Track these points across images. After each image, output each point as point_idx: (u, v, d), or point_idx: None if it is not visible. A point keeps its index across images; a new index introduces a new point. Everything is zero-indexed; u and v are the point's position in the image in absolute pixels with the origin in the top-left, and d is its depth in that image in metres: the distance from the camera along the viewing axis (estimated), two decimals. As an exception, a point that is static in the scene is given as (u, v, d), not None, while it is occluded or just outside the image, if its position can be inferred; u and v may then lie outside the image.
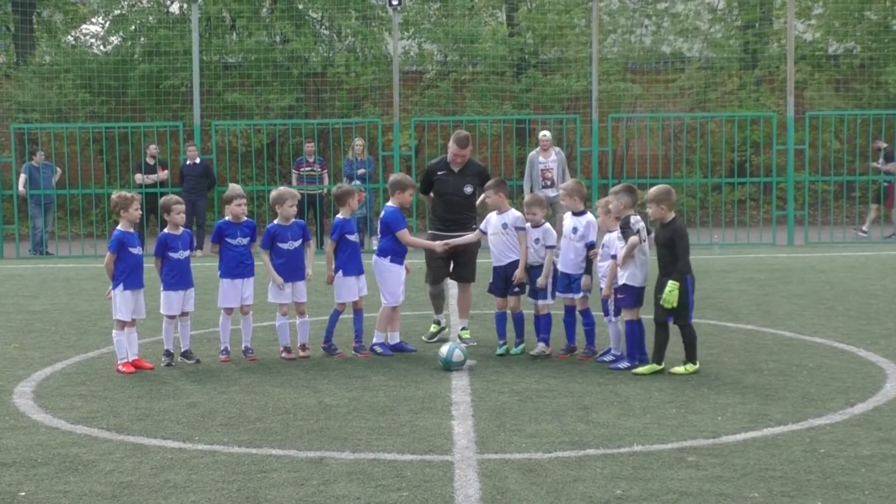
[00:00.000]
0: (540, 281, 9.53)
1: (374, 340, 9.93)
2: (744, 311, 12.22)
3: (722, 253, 19.26)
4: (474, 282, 10.73)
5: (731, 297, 13.37)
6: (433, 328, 10.72)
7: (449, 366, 9.05)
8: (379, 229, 9.99)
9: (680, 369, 8.79)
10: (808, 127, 21.59)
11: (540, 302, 9.51)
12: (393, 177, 10.27)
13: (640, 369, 8.79)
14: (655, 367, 8.78)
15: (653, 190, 8.93)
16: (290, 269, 9.76)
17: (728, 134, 24.37)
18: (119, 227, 9.28)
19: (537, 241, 9.58)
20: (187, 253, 9.43)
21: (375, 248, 10.16)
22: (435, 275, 10.75)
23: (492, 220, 9.93)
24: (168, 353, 9.44)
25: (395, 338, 9.95)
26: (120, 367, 9.10)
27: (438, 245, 10.10)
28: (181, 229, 9.49)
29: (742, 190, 25.54)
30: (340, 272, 9.85)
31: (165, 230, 9.48)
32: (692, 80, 26.27)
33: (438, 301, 10.80)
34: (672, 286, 8.64)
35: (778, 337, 10.56)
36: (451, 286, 11.65)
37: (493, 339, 10.31)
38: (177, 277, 9.38)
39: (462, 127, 22.63)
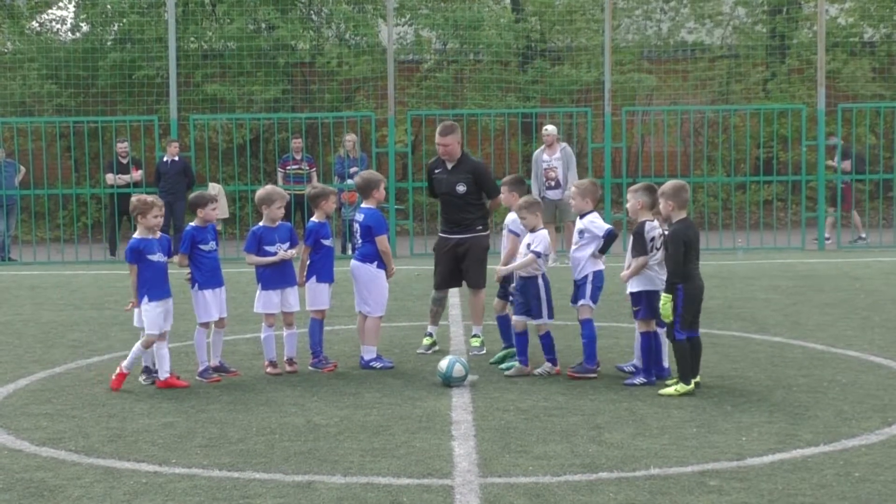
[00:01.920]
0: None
1: (367, 357, 9.94)
2: (770, 322, 12.22)
3: (746, 258, 19.27)
4: (485, 287, 10.75)
5: (756, 307, 13.38)
6: (426, 341, 10.74)
7: (449, 381, 9.06)
8: (359, 233, 10.00)
9: (668, 390, 8.69)
10: (840, 120, 21.60)
11: (536, 321, 9.49)
12: (364, 175, 10.23)
13: (667, 390, 8.72)
14: (685, 387, 8.71)
15: (665, 185, 8.98)
16: (279, 274, 9.79)
17: (753, 128, 24.40)
18: (136, 235, 9.36)
19: (529, 246, 9.56)
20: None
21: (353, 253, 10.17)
22: (439, 279, 10.78)
23: (507, 221, 10.09)
24: (147, 370, 9.42)
25: (371, 352, 9.96)
26: (166, 380, 9.22)
27: (391, 271, 10.07)
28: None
29: (768, 189, 25.55)
30: (314, 278, 9.92)
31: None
32: (714, 69, 26.31)
33: (436, 309, 10.82)
34: (664, 298, 8.63)
35: (808, 350, 10.57)
36: (453, 295, 11.69)
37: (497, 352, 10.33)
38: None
39: (463, 122, 22.68)
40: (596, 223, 9.40)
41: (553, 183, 18.62)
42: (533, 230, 9.54)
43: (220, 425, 7.87)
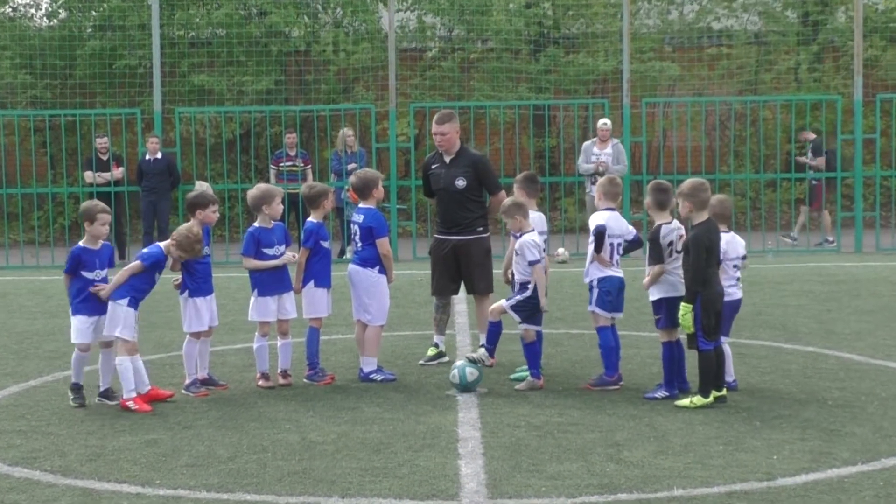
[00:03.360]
0: (543, 303, 9.50)
1: (366, 369, 9.94)
2: (803, 330, 12.21)
3: (777, 261, 19.25)
4: (492, 292, 10.74)
5: (787, 314, 13.36)
6: (431, 351, 10.74)
7: (468, 387, 9.22)
8: (359, 235, 10.00)
9: (684, 402, 8.73)
10: (879, 112, 21.57)
11: (522, 326, 9.52)
12: (361, 174, 10.23)
13: (682, 402, 8.76)
14: (702, 399, 8.73)
15: (683, 183, 9.02)
16: (276, 279, 9.81)
17: (784, 121, 24.37)
18: (81, 243, 9.28)
19: (516, 254, 9.57)
20: (104, 273, 9.24)
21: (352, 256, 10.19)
22: (437, 285, 10.77)
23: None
24: (76, 388, 9.20)
25: (372, 363, 9.96)
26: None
27: (392, 277, 10.09)
28: (100, 243, 9.31)
29: (801, 187, 25.52)
30: (312, 283, 9.93)
31: (81, 243, 9.28)
32: (742, 57, 26.29)
33: (440, 317, 10.81)
34: (684, 308, 8.65)
35: (844, 361, 10.55)
36: (460, 302, 11.69)
37: (511, 363, 10.35)
38: (88, 300, 9.14)
39: (470, 114, 22.67)
40: (593, 219, 9.48)
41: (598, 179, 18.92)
42: (520, 231, 9.54)
43: (207, 443, 7.87)
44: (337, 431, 8.13)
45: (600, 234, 9.35)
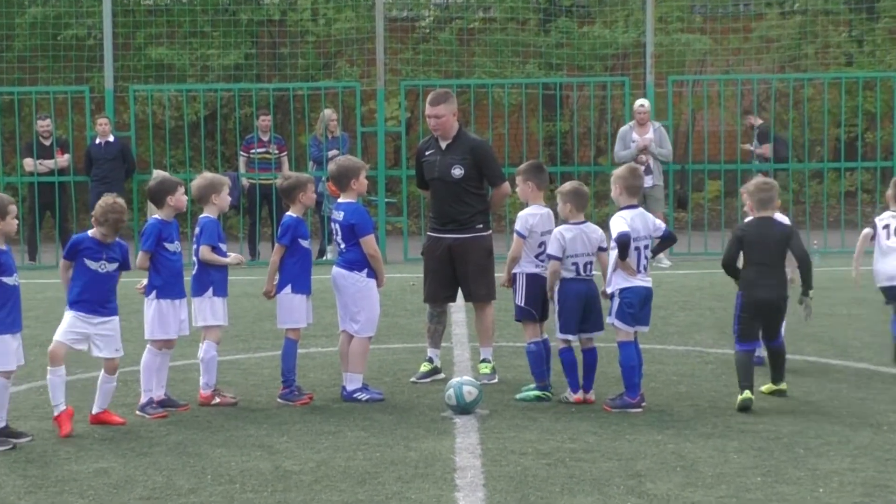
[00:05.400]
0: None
1: (350, 387, 9.94)
2: (854, 344, 12.21)
3: (823, 264, 19.25)
4: (493, 300, 10.74)
5: (836, 325, 13.36)
6: (424, 367, 10.74)
7: (466, 408, 9.24)
8: (340, 235, 9.99)
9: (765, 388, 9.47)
10: (942, 92, 21.59)
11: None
12: (340, 162, 10.25)
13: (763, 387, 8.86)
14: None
15: (748, 184, 9.81)
16: (226, 278, 10.01)
17: (832, 102, 24.37)
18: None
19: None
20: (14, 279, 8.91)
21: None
22: (430, 291, 10.77)
23: (520, 216, 10.17)
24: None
25: (357, 381, 9.96)
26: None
27: (382, 280, 10.14)
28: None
29: (851, 178, 25.54)
30: (288, 287, 9.94)
31: None
32: (782, 28, 26.28)
33: (435, 328, 10.82)
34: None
35: (901, 379, 10.57)
36: (457, 310, 11.68)
37: (516, 380, 10.36)
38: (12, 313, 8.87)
39: (470, 94, 22.67)
40: (614, 225, 9.50)
41: (643, 167, 19.00)
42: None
43: (166, 472, 7.86)
44: (315, 459, 8.12)
45: (624, 244, 9.37)
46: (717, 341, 12.12)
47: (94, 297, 9.10)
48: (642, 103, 20.01)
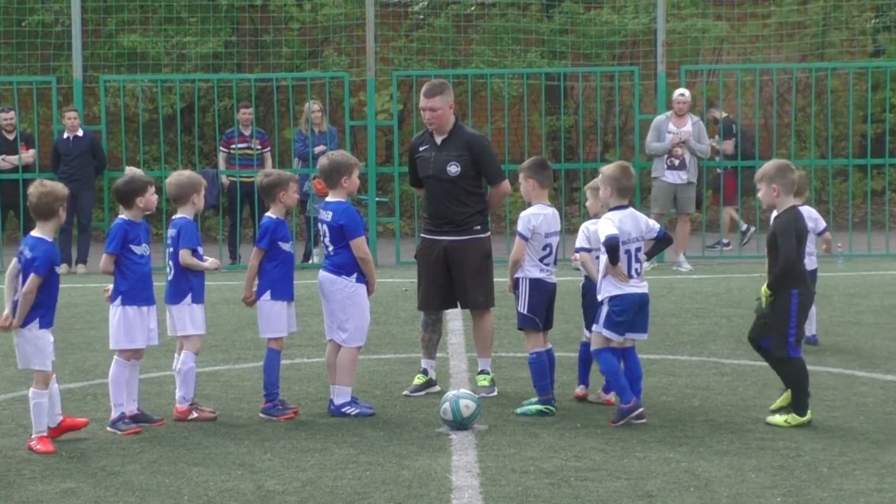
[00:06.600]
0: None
1: (338, 400, 9.95)
2: (882, 355, 12.22)
3: (848, 268, 19.27)
4: (492, 307, 10.76)
5: (862, 334, 13.38)
6: (417, 379, 10.74)
7: (463, 423, 9.25)
8: (328, 237, 10.00)
9: (777, 419, 9.15)
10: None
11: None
12: (332, 156, 10.24)
13: (775, 419, 8.92)
14: (797, 418, 9.14)
15: (766, 165, 9.39)
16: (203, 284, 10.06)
17: (858, 94, 24.41)
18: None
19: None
20: None
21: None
22: (425, 297, 10.78)
23: (522, 216, 10.20)
24: None
25: (345, 394, 9.96)
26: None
27: (373, 286, 10.16)
28: None
29: (879, 177, 25.56)
30: (268, 294, 9.96)
31: None
32: (804, 14, 26.31)
33: (430, 337, 10.82)
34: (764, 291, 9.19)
35: (932, 392, 10.58)
36: (454, 318, 11.68)
37: (516, 393, 10.36)
38: None
39: (467, 85, 22.67)
40: (601, 228, 9.56)
41: (677, 161, 19.08)
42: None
43: (139, 493, 7.86)
44: (301, 478, 8.12)
45: (612, 247, 9.41)
46: (733, 351, 12.13)
47: None
48: (682, 92, 19.85)
